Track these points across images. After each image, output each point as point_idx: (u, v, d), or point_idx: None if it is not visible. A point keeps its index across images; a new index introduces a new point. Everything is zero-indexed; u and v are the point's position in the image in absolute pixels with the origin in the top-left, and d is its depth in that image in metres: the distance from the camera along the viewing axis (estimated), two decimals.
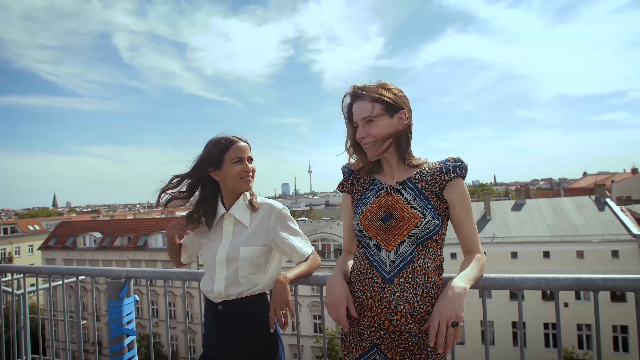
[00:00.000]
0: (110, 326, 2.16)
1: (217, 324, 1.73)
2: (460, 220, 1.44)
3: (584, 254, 21.07)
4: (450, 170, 1.43)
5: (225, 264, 1.72)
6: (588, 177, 56.20)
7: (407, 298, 1.34)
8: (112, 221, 36.48)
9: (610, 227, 21.57)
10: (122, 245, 30.93)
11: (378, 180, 1.54)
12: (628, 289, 1.43)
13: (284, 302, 1.60)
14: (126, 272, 2.22)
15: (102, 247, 31.28)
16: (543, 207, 25.05)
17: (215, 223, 1.79)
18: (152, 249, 29.60)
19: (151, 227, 31.34)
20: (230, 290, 1.70)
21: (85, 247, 31.98)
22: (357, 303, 1.44)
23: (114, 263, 30.46)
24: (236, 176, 1.71)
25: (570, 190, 45.01)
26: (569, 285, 1.47)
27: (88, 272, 2.42)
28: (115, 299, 2.17)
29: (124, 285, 2.18)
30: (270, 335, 1.73)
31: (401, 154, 1.49)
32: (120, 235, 31.54)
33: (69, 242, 32.63)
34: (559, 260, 21.30)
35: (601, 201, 24.15)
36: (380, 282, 1.39)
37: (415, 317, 1.33)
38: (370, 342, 1.41)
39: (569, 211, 23.93)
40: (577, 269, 20.54)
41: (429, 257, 1.39)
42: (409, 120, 1.47)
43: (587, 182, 48.77)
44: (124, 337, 2.16)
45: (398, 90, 1.48)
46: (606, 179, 43.41)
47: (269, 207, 1.78)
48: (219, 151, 1.72)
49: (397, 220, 1.40)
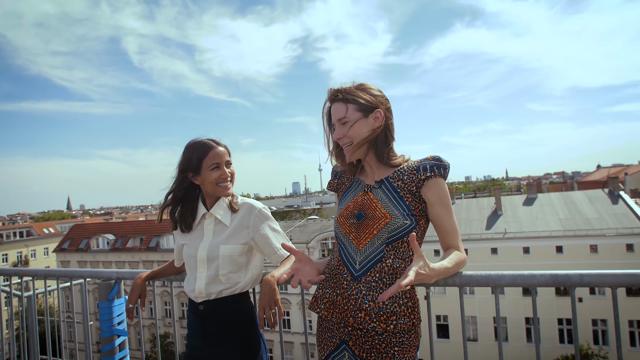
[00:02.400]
0: (101, 326, 2.20)
1: (199, 324, 1.76)
2: (438, 220, 1.43)
3: (598, 248, 20.75)
4: (427, 169, 1.41)
5: (206, 262, 1.74)
6: (602, 169, 55.20)
7: (372, 297, 1.34)
8: (125, 223, 37.03)
9: (625, 220, 21.18)
10: (135, 247, 31.37)
11: (359, 179, 1.56)
12: (605, 285, 1.41)
13: (272, 301, 1.61)
14: (116, 273, 2.26)
15: (115, 249, 31.77)
16: (555, 201, 24.70)
17: (196, 224, 1.82)
18: (164, 249, 29.99)
19: (163, 228, 31.64)
20: (210, 288, 1.72)
21: (99, 249, 32.52)
22: (328, 300, 1.46)
23: (127, 264, 30.91)
24: (214, 182, 1.74)
25: (584, 184, 44.30)
26: (544, 281, 1.45)
27: (80, 274, 2.47)
28: (106, 300, 2.20)
29: (114, 287, 2.22)
30: (252, 334, 1.75)
31: (379, 154, 1.48)
32: (133, 237, 32.00)
33: (82, 245, 33.22)
34: (573, 254, 21.00)
35: (615, 194, 23.70)
36: (349, 279, 1.40)
37: (380, 317, 1.33)
38: (340, 338, 1.43)
39: (582, 205, 23.56)
40: (592, 264, 20.25)
41: (399, 257, 1.38)
42: (385, 120, 1.47)
43: (601, 174, 47.89)
44: (115, 338, 2.20)
45: (376, 91, 1.49)
46: (620, 171, 42.59)
47: (249, 207, 1.80)
48: (197, 158, 1.74)
49: (369, 219, 1.41)
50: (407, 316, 1.35)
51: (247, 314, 1.77)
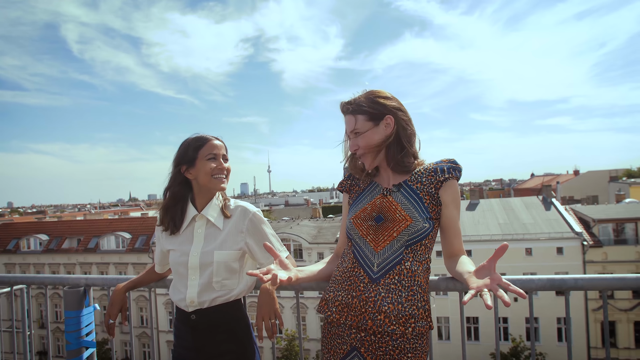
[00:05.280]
0: (67, 338, 2.00)
1: (190, 334, 1.65)
2: (450, 221, 1.44)
3: (532, 251, 22.29)
4: (445, 170, 1.44)
5: (198, 269, 1.63)
6: (535, 178, 59.61)
7: (391, 299, 1.34)
8: (60, 222, 34.35)
9: (556, 225, 22.94)
10: (72, 248, 29.20)
11: (375, 182, 1.56)
12: (597, 288, 1.50)
13: (272, 311, 1.55)
14: (85, 279, 2.07)
15: (49, 250, 29.39)
16: (495, 207, 26.24)
17: (184, 226, 1.70)
18: (105, 251, 28.18)
19: (103, 228, 29.87)
20: (203, 296, 1.62)
21: (30, 250, 29.90)
22: (341, 302, 1.42)
23: (62, 266, 28.74)
24: (209, 173, 1.64)
25: (520, 191, 47.53)
26: (542, 285, 1.52)
27: (41, 281, 2.23)
28: (73, 309, 2.01)
29: (84, 294, 2.04)
30: (246, 342, 1.67)
31: (394, 159, 1.48)
32: (69, 237, 29.75)
33: (10, 245, 30.35)
34: (510, 257, 22.34)
35: (547, 201, 25.65)
36: (366, 281, 1.38)
37: (400, 319, 1.32)
38: (351, 344, 1.39)
39: (519, 210, 25.22)
40: (526, 266, 21.73)
41: (417, 259, 1.39)
42: (397, 125, 1.46)
43: (535, 182, 51.74)
44: (83, 350, 2.01)
45: (386, 97, 1.48)
46: (552, 179, 46.26)
47: (243, 210, 1.72)
48: (193, 148, 1.65)
49: (388, 221, 1.41)
50: (424, 319, 1.35)
51: (241, 322, 1.68)
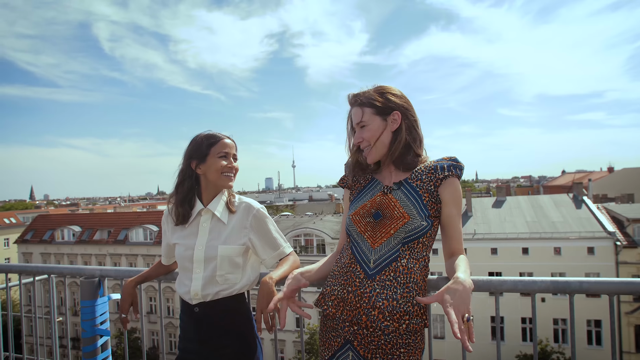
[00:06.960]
0: (83, 326, 2.09)
1: (194, 326, 1.70)
2: (449, 219, 1.43)
3: (561, 250, 21.59)
4: (445, 168, 1.43)
5: (203, 263, 1.68)
6: (566, 175, 57.59)
7: (386, 295, 1.34)
8: (92, 214, 35.76)
9: (587, 224, 22.14)
10: (102, 239, 30.34)
11: (376, 179, 1.55)
12: (602, 292, 1.45)
13: (271, 304, 1.57)
14: (100, 271, 2.16)
15: (81, 241, 30.62)
16: (523, 204, 25.53)
17: (191, 220, 1.75)
18: (133, 243, 29.15)
19: (132, 220, 30.82)
20: (207, 289, 1.66)
21: (64, 240, 31.24)
22: (337, 297, 1.44)
23: (93, 257, 29.89)
24: (219, 170, 1.68)
25: (549, 188, 46.04)
26: (545, 287, 1.48)
27: (59, 271, 2.34)
28: (88, 299, 2.10)
29: (98, 285, 2.12)
30: (248, 336, 1.70)
31: (397, 156, 1.48)
32: (100, 229, 30.92)
33: (46, 236, 31.84)
34: (537, 256, 21.79)
35: (578, 199, 24.75)
36: (362, 277, 1.39)
37: (394, 316, 1.33)
38: (344, 337, 1.41)
39: (548, 208, 24.46)
40: (555, 265, 21.10)
41: (414, 257, 1.39)
42: (404, 122, 1.46)
43: (566, 180, 49.96)
44: (97, 338, 2.10)
45: (395, 93, 1.48)
46: (584, 177, 44.55)
47: (247, 206, 1.75)
48: (206, 145, 1.70)
49: (386, 218, 1.41)
50: (419, 316, 1.35)
51: (244, 315, 1.72)
